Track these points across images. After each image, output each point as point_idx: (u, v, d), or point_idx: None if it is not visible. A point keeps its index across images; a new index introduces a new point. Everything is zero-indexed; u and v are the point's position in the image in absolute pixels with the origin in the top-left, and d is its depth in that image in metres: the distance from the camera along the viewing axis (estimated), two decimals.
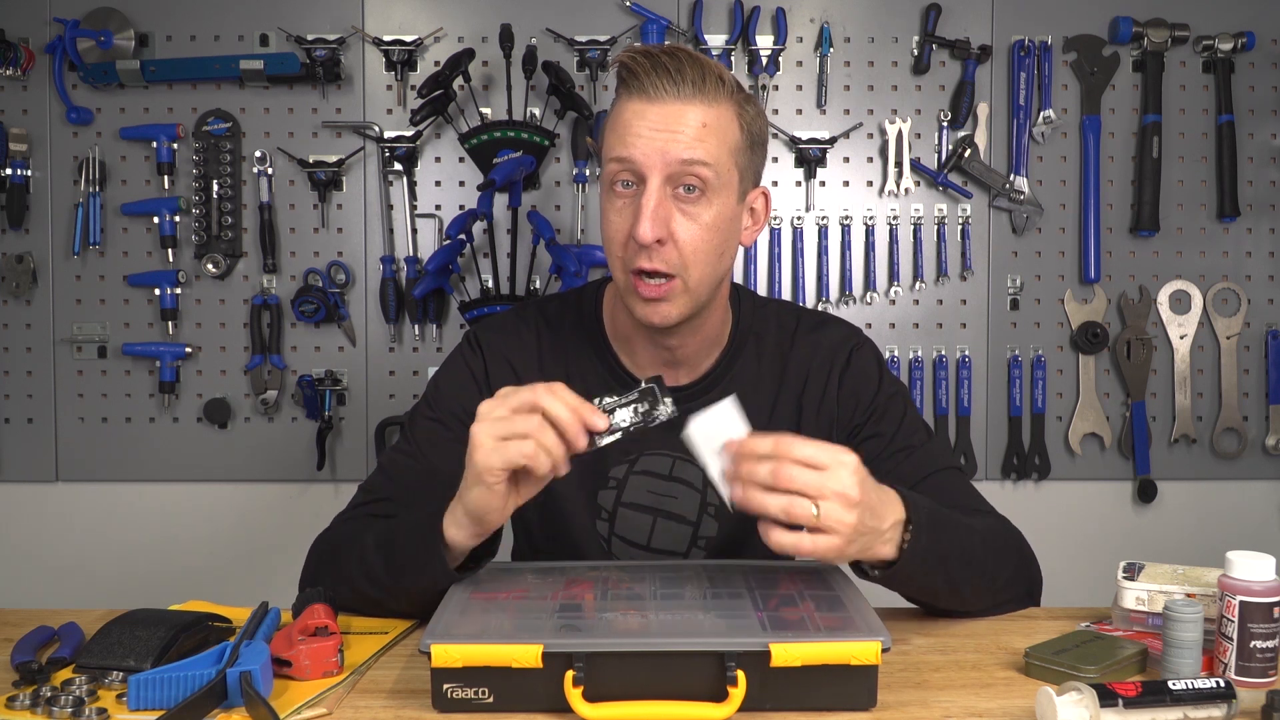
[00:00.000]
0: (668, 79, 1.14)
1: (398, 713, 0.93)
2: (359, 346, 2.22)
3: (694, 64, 1.15)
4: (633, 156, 1.14)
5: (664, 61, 1.14)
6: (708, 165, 1.15)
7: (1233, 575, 0.98)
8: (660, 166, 1.14)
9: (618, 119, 1.17)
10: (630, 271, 1.17)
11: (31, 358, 2.22)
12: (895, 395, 1.31)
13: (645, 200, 1.14)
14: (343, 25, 2.18)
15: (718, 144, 1.16)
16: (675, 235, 1.15)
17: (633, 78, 1.15)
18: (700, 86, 1.14)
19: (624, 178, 1.16)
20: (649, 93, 1.14)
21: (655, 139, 1.13)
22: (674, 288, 1.17)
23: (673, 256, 1.16)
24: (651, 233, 1.13)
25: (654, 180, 1.14)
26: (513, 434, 0.99)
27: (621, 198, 1.17)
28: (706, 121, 1.15)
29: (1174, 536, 2.27)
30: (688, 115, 1.14)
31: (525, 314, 1.35)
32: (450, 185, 2.21)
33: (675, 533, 1.30)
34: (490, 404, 1.02)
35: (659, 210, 1.14)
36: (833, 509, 0.96)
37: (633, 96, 1.16)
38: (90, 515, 2.24)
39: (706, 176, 1.15)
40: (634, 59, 1.15)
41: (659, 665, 0.89)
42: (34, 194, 2.19)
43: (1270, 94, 2.25)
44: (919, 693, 0.97)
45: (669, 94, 1.14)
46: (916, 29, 2.21)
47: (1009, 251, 2.25)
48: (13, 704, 0.92)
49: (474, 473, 1.02)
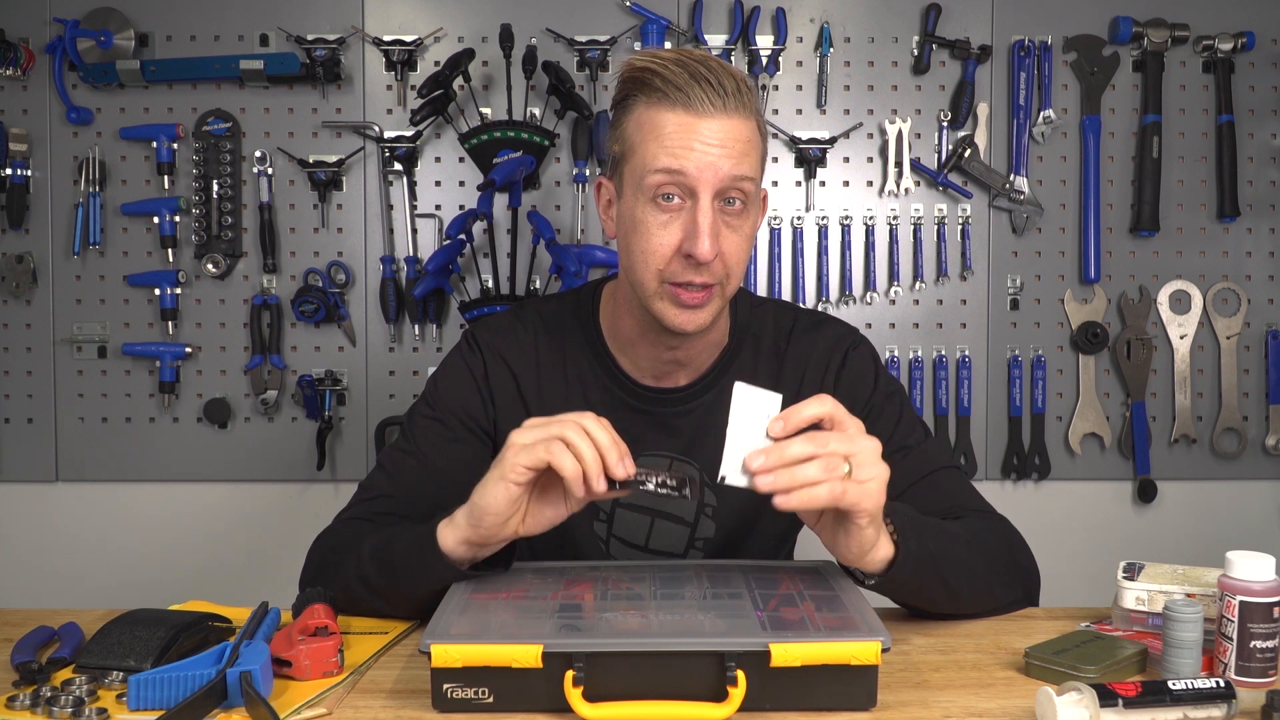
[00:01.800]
0: (713, 92, 1.12)
1: (398, 713, 0.92)
2: (359, 346, 2.22)
3: (728, 76, 1.14)
4: (686, 170, 1.13)
5: (703, 73, 1.13)
6: (751, 180, 1.15)
7: (1233, 575, 0.98)
8: (713, 182, 1.13)
9: (659, 129, 1.14)
10: (670, 282, 1.17)
11: (31, 358, 2.22)
12: (892, 395, 1.31)
13: (701, 217, 1.13)
14: (343, 25, 2.18)
15: (756, 157, 1.17)
16: (723, 250, 1.15)
17: (670, 87, 1.13)
18: (740, 100, 1.14)
19: (670, 191, 1.14)
20: (695, 107, 1.12)
21: (708, 154, 1.12)
22: (712, 294, 1.18)
23: (719, 269, 1.16)
24: (712, 250, 1.13)
25: (706, 196, 1.13)
26: (549, 437, 1.00)
27: (666, 211, 1.15)
28: (749, 136, 1.15)
29: (1174, 536, 2.27)
30: (735, 130, 1.14)
31: (523, 314, 1.35)
32: (450, 185, 2.21)
33: (673, 534, 1.30)
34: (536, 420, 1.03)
35: (715, 227, 1.14)
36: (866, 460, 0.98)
37: (675, 107, 1.13)
38: (90, 515, 2.25)
39: (749, 191, 1.16)
40: (667, 67, 1.13)
41: (659, 665, 0.89)
42: (34, 194, 2.19)
43: (1270, 94, 2.25)
44: (919, 693, 0.97)
45: (716, 108, 1.13)
46: (916, 29, 2.21)
47: (1009, 251, 2.25)
48: (13, 704, 0.92)
49: (499, 470, 1.02)
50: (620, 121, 1.19)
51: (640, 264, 1.17)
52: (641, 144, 1.15)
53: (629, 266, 1.20)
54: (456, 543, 1.06)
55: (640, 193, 1.16)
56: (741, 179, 1.14)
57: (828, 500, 0.97)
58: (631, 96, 1.17)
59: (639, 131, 1.16)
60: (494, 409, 1.29)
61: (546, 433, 1.00)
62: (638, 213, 1.17)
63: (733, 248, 1.16)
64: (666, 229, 1.15)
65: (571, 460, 0.99)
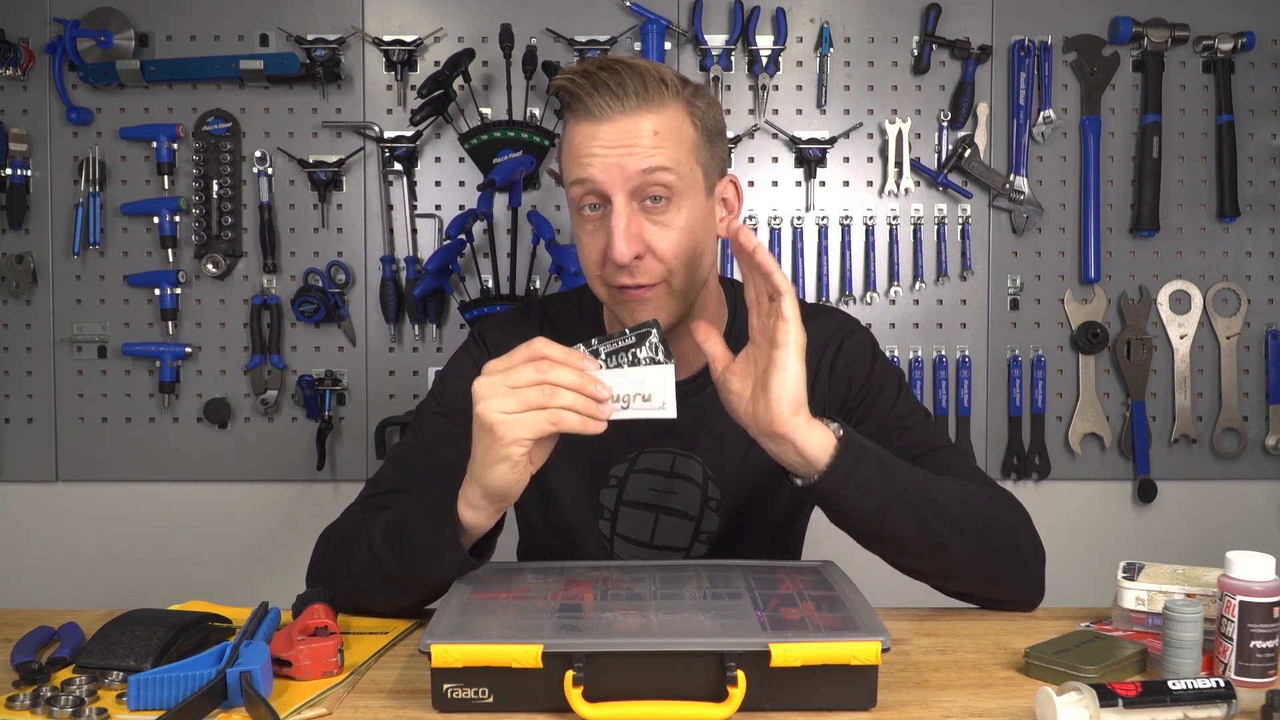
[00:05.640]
0: (610, 95, 1.13)
1: (398, 713, 0.93)
2: (359, 346, 2.22)
3: (633, 73, 1.14)
4: (592, 177, 1.14)
5: (603, 78, 1.13)
6: (669, 170, 1.14)
7: (1233, 575, 0.98)
8: (621, 183, 1.14)
9: (570, 143, 1.17)
10: (612, 285, 1.18)
11: (31, 358, 2.22)
12: (888, 378, 1.31)
13: (615, 221, 1.14)
14: (343, 25, 2.18)
15: (674, 147, 1.15)
16: (653, 247, 1.16)
17: (576, 100, 1.15)
18: (644, 95, 1.14)
19: (589, 201, 1.16)
20: (595, 113, 1.14)
21: (610, 156, 1.13)
22: (658, 290, 1.18)
23: (654, 267, 1.16)
24: (629, 251, 1.14)
25: (619, 198, 1.14)
26: (529, 404, 1.01)
27: (590, 220, 1.18)
28: (658, 128, 1.14)
29: (1174, 536, 2.27)
30: (638, 126, 1.14)
31: (529, 313, 1.37)
32: (450, 185, 2.21)
33: (677, 528, 1.31)
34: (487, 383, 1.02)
35: (630, 228, 1.14)
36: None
37: (580, 119, 1.15)
38: (90, 515, 2.24)
39: (670, 182, 1.15)
40: (572, 81, 1.15)
41: (659, 665, 0.89)
42: (34, 194, 2.19)
43: (1270, 94, 2.25)
44: (919, 693, 0.97)
45: (615, 109, 1.13)
46: (916, 29, 2.21)
47: (1009, 251, 2.25)
48: (13, 704, 0.92)
49: (497, 452, 1.02)
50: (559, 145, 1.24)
51: (587, 275, 1.22)
52: (565, 161, 1.19)
53: (586, 279, 1.24)
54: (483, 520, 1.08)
55: (571, 207, 1.20)
56: (654, 171, 1.14)
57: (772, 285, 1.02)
58: (563, 119, 1.21)
59: (563, 149, 1.20)
60: None
61: (523, 399, 1.01)
62: (574, 226, 1.21)
63: (665, 243, 1.16)
64: (594, 237, 1.18)
65: (572, 416, 1.01)
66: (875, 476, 1.08)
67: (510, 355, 1.03)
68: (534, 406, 1.00)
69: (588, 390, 1.01)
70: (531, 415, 1.00)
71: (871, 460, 1.08)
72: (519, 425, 1.00)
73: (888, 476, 1.09)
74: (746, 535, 1.32)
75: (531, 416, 1.00)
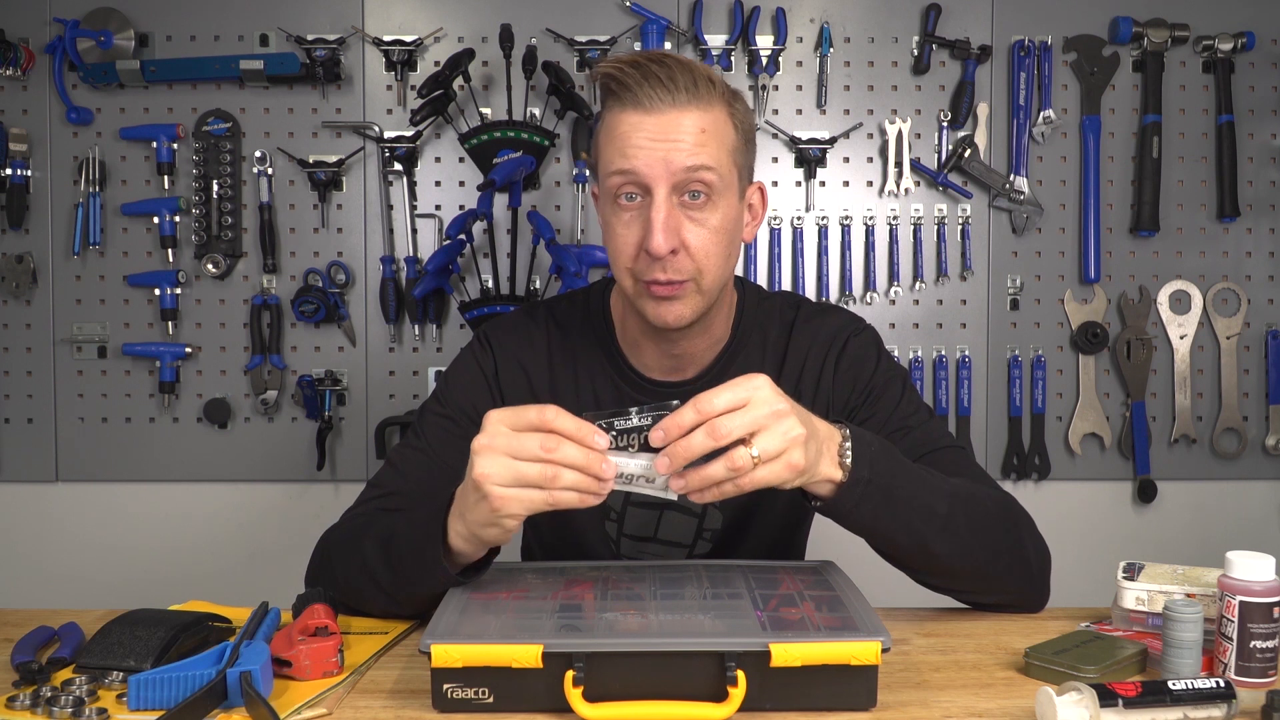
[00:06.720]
0: (661, 88, 1.13)
1: (398, 713, 0.93)
2: (359, 346, 2.22)
3: (683, 69, 1.15)
4: (636, 168, 1.14)
5: (654, 70, 1.13)
6: (711, 169, 1.15)
7: (1233, 575, 0.98)
8: (665, 176, 1.14)
9: (614, 131, 1.16)
10: (641, 279, 1.17)
11: (31, 358, 2.22)
12: (893, 377, 1.31)
13: (655, 213, 1.13)
14: (343, 25, 2.18)
15: (717, 147, 1.16)
16: (687, 243, 1.15)
17: (624, 89, 1.14)
18: (694, 92, 1.14)
19: (628, 190, 1.16)
20: (644, 103, 1.14)
21: (657, 149, 1.13)
22: (687, 288, 1.17)
23: (686, 264, 1.16)
24: (666, 244, 1.13)
25: (660, 191, 1.14)
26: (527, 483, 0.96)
27: (627, 210, 1.17)
28: (705, 126, 1.15)
29: (1174, 536, 2.27)
30: (686, 122, 1.14)
31: (535, 315, 1.36)
32: (450, 185, 2.21)
33: (682, 524, 1.32)
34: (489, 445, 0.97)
35: (669, 221, 1.14)
36: (771, 436, 0.96)
37: (626, 108, 1.15)
38: (90, 515, 2.24)
39: (711, 181, 1.15)
40: (621, 70, 1.14)
41: (659, 665, 0.89)
42: (34, 194, 2.19)
43: (1270, 94, 2.25)
44: (919, 693, 0.97)
45: (664, 102, 1.13)
46: (916, 29, 2.21)
47: (1009, 251, 2.25)
48: (13, 704, 0.92)
49: (488, 516, 0.99)
50: (594, 130, 1.22)
51: (615, 265, 1.20)
52: (604, 148, 1.18)
53: (612, 269, 1.22)
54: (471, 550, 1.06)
55: (606, 195, 1.19)
56: (698, 169, 1.14)
57: (737, 492, 0.97)
58: (603, 104, 1.20)
59: (602, 136, 1.19)
60: None
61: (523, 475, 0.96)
62: (606, 215, 1.20)
63: (699, 241, 1.16)
64: (629, 227, 1.17)
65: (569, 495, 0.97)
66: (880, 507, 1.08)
67: (518, 413, 0.98)
68: (533, 485, 0.96)
69: (592, 471, 0.96)
70: (528, 493, 0.96)
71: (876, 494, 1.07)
72: (514, 502, 0.97)
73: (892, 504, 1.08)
74: (750, 533, 1.32)
75: (528, 495, 0.96)
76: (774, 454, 0.96)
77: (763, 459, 0.96)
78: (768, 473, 0.97)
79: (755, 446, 0.96)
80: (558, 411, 0.97)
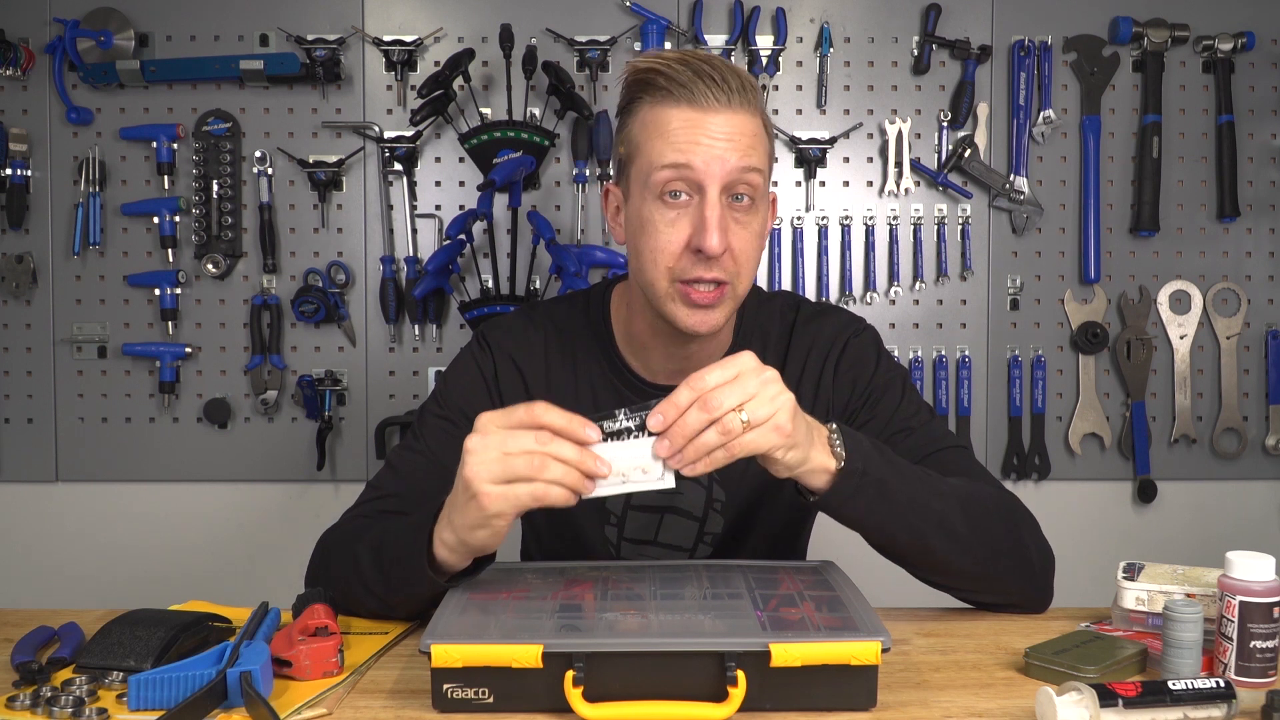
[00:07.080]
0: (716, 87, 1.13)
1: (398, 713, 0.92)
2: (359, 346, 2.22)
3: (732, 72, 1.15)
4: (693, 164, 1.13)
5: (707, 70, 1.13)
6: (760, 173, 1.15)
7: (1233, 575, 0.98)
8: (721, 175, 1.13)
9: (664, 126, 1.14)
10: (680, 280, 1.16)
11: (31, 358, 2.22)
12: (893, 378, 1.31)
13: (709, 211, 1.13)
14: (343, 25, 2.18)
15: (763, 152, 1.17)
16: (731, 245, 1.15)
17: (675, 85, 1.13)
18: (744, 95, 1.15)
19: (677, 187, 1.14)
20: (699, 101, 1.13)
21: (715, 148, 1.13)
22: (724, 294, 1.17)
23: (730, 265, 1.16)
24: (720, 244, 1.13)
25: (713, 190, 1.13)
26: (516, 476, 0.97)
27: (674, 208, 1.15)
28: (755, 130, 1.16)
29: (1174, 536, 2.27)
30: (740, 124, 1.14)
31: (534, 316, 1.35)
32: (450, 185, 2.21)
33: (682, 528, 1.31)
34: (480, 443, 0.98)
35: (724, 221, 1.14)
36: (759, 402, 0.98)
37: (680, 104, 1.14)
38: (90, 515, 2.24)
39: (758, 184, 1.16)
40: (671, 66, 1.13)
41: (659, 665, 0.89)
42: (34, 194, 2.19)
43: (1270, 94, 2.25)
44: (919, 693, 0.97)
45: (720, 103, 1.13)
46: (916, 29, 2.21)
47: (1009, 251, 2.25)
48: (13, 704, 0.92)
49: (477, 519, 0.99)
50: (626, 124, 1.20)
51: (650, 264, 1.17)
52: (648, 143, 1.16)
53: (639, 269, 1.20)
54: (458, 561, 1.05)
55: (648, 191, 1.16)
56: (749, 170, 1.14)
57: (728, 458, 0.98)
58: (636, 99, 1.18)
59: (644, 131, 1.16)
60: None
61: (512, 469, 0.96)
62: (645, 212, 1.17)
63: (742, 244, 1.16)
64: (674, 226, 1.15)
65: (558, 491, 0.97)
66: (876, 501, 1.08)
67: (509, 412, 0.98)
68: (521, 478, 0.96)
69: (585, 466, 0.96)
70: (516, 489, 0.96)
71: (871, 486, 1.07)
72: (503, 500, 0.97)
73: (888, 499, 1.09)
74: (750, 537, 1.32)
75: (516, 491, 0.96)
76: (763, 419, 0.98)
77: (752, 423, 0.97)
78: (757, 436, 0.98)
79: (745, 412, 0.97)
80: (546, 406, 0.98)
